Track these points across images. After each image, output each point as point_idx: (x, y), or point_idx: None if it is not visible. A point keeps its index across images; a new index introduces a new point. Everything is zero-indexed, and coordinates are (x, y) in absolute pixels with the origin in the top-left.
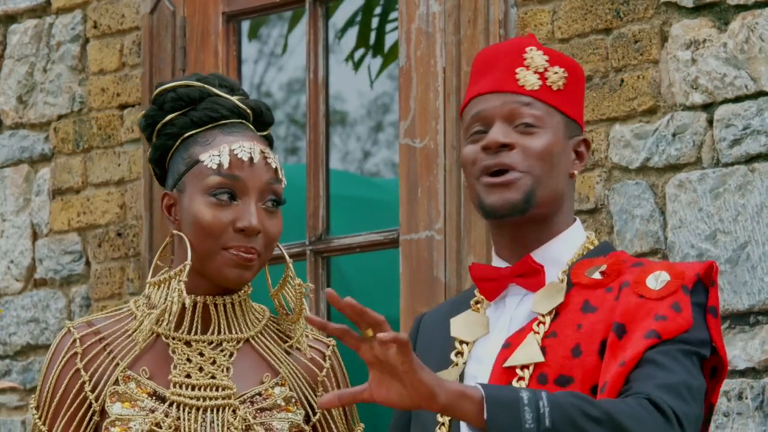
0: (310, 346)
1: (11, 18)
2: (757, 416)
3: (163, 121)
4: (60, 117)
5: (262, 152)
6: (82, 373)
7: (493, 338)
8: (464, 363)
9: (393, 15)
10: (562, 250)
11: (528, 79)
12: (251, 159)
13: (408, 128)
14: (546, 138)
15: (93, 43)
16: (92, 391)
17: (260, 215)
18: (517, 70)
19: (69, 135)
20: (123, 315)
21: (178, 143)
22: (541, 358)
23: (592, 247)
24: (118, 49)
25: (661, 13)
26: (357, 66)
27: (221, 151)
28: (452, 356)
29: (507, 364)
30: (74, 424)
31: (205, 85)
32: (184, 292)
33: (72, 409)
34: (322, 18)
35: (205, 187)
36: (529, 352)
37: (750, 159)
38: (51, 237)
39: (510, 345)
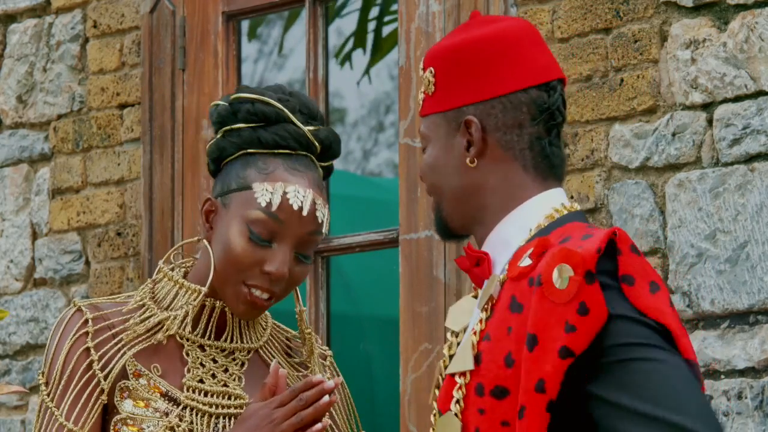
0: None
1: (11, 17)
2: (756, 416)
3: (232, 126)
4: (60, 116)
5: (314, 203)
6: (92, 352)
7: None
8: (451, 356)
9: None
10: (510, 231)
11: (419, 98)
12: (300, 209)
13: (408, 128)
14: (429, 153)
15: (93, 42)
16: (101, 370)
17: (291, 263)
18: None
19: (69, 134)
20: (132, 308)
21: (238, 154)
22: (470, 366)
23: (546, 224)
24: (118, 48)
25: (660, 12)
26: (343, 60)
27: (275, 189)
28: (444, 350)
29: (447, 371)
30: (81, 402)
31: (284, 109)
32: (189, 316)
33: (80, 386)
34: (321, 18)
35: (247, 218)
36: (463, 358)
37: (750, 159)
38: (51, 236)
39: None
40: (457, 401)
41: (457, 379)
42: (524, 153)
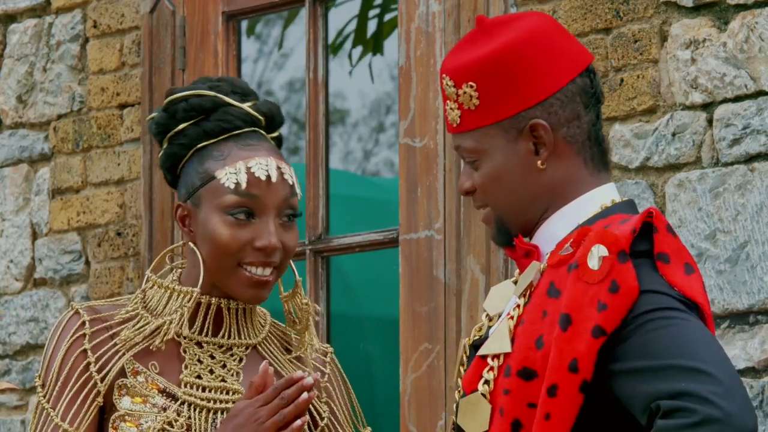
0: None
1: (11, 17)
2: (757, 416)
3: (175, 130)
4: (60, 116)
5: (279, 168)
6: (89, 354)
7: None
8: (477, 337)
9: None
10: (559, 225)
11: (450, 114)
12: (269, 177)
13: (408, 128)
14: (487, 165)
15: (93, 42)
16: (98, 372)
17: (278, 231)
18: (446, 106)
19: (69, 134)
20: (125, 317)
21: (190, 153)
22: (508, 349)
23: (590, 216)
24: (118, 48)
25: (660, 12)
26: (335, 49)
27: (238, 169)
28: (473, 329)
29: (480, 353)
30: (77, 403)
31: (218, 95)
32: (186, 321)
33: (76, 388)
34: (321, 17)
35: (222, 206)
36: (499, 341)
37: (750, 158)
38: (50, 236)
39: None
40: (486, 382)
41: (489, 361)
42: (585, 145)
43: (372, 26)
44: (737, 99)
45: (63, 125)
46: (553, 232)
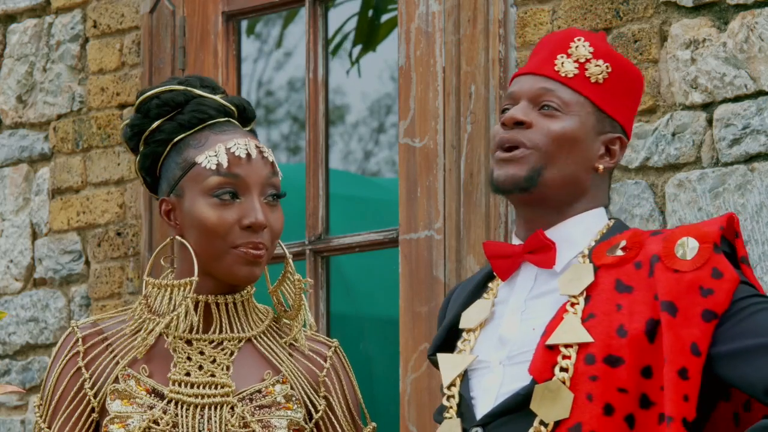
0: (312, 346)
1: (11, 17)
2: None
3: (151, 128)
4: (59, 116)
5: (258, 147)
6: (83, 371)
7: (507, 318)
8: (472, 349)
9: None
10: (576, 231)
11: (565, 66)
12: (249, 155)
13: (407, 128)
14: (567, 123)
15: (92, 42)
16: (92, 388)
17: (264, 210)
18: (558, 56)
19: (68, 134)
20: (133, 327)
21: (168, 148)
22: (589, 338)
23: (606, 230)
24: (118, 48)
25: (660, 12)
26: (334, 50)
27: (218, 150)
28: (459, 344)
29: (550, 342)
30: (72, 421)
31: (189, 88)
32: (192, 309)
33: (71, 407)
34: (321, 17)
35: (206, 189)
36: (574, 331)
37: (749, 158)
38: (50, 236)
39: (547, 328)
40: (563, 369)
41: (563, 350)
42: (609, 185)
43: (371, 25)
44: (737, 99)
45: (63, 125)
46: (568, 237)
